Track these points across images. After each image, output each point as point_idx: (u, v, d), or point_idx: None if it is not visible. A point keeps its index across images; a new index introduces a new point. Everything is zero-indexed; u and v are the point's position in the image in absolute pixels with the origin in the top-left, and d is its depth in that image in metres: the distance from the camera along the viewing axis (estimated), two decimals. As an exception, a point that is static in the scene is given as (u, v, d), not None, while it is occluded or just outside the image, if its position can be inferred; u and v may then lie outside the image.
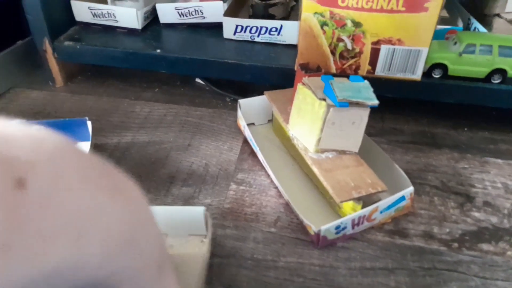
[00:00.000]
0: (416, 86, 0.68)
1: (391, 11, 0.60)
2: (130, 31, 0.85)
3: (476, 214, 0.57)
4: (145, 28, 0.86)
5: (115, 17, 0.84)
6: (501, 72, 0.66)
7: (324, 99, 0.52)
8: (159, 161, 0.65)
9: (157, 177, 0.62)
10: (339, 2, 0.61)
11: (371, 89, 0.53)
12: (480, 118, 0.76)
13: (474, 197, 0.60)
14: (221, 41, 0.82)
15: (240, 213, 0.56)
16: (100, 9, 0.84)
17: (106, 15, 0.85)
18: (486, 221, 0.56)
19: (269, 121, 0.73)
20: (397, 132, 0.73)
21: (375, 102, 0.51)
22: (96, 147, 0.68)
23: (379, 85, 0.69)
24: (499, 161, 0.66)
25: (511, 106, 0.69)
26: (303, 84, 0.55)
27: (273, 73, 0.75)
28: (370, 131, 0.71)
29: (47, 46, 0.80)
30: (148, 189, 0.60)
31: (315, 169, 0.54)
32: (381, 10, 0.60)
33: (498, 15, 0.74)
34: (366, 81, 0.54)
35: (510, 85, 0.67)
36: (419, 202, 0.59)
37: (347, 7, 0.61)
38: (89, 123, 0.61)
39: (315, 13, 0.63)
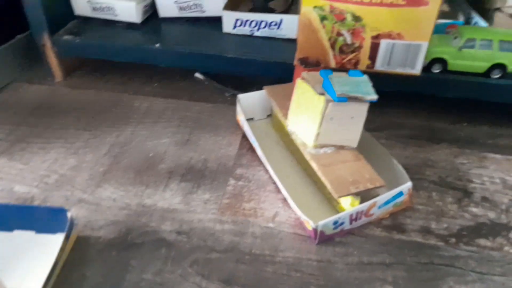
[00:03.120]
0: (415, 81, 0.68)
1: (391, 5, 0.60)
2: (130, 25, 0.84)
3: (474, 210, 0.57)
4: (144, 22, 0.86)
5: (114, 11, 0.84)
6: (501, 67, 0.66)
7: (323, 94, 0.52)
8: (158, 155, 0.65)
9: (155, 171, 0.62)
10: (339, -4, 0.60)
11: (370, 84, 0.52)
12: (480, 113, 0.76)
13: (472, 192, 0.60)
14: (220, 35, 0.82)
15: (238, 208, 0.56)
16: (99, 3, 0.84)
17: (106, 9, 0.84)
18: (483, 217, 0.56)
19: (268, 116, 0.73)
20: (396, 127, 0.73)
21: (374, 96, 0.51)
22: (96, 142, 0.68)
23: (379, 79, 0.68)
24: (498, 156, 0.66)
25: (510, 101, 0.69)
26: (302, 79, 0.55)
27: (272, 68, 0.75)
28: (369, 126, 0.70)
29: (46, 40, 0.79)
30: (147, 183, 0.60)
31: (314, 164, 0.54)
32: (381, 4, 0.60)
33: (498, 9, 0.73)
34: (365, 76, 0.53)
35: (509, 80, 0.67)
36: (417, 197, 0.59)
37: (347, 1, 0.61)
38: (69, 214, 0.49)
39: (315, 7, 0.62)
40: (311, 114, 0.54)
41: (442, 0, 0.59)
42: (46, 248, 0.48)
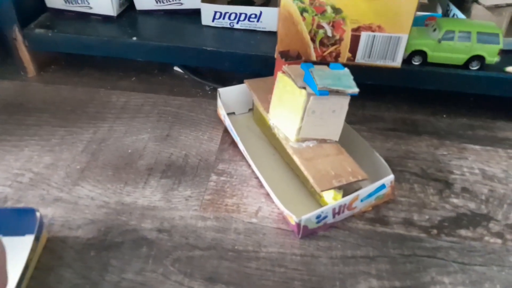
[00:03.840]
0: (396, 73, 0.68)
1: (371, -3, 0.59)
2: (105, 18, 0.82)
3: (455, 201, 0.57)
4: (120, 15, 0.83)
5: (88, 3, 0.81)
6: (479, 58, 0.67)
7: (304, 88, 0.51)
8: (136, 152, 0.64)
9: (135, 168, 0.61)
10: (319, -12, 0.60)
11: (351, 77, 0.52)
12: (459, 104, 0.77)
13: (453, 183, 0.60)
14: (199, 28, 0.80)
15: (220, 204, 0.55)
16: (72, -5, 0.81)
17: (79, 1, 0.81)
18: (464, 207, 0.56)
19: (250, 110, 0.72)
20: (377, 120, 0.73)
21: (355, 90, 0.51)
22: (72, 138, 0.66)
23: (360, 72, 0.68)
24: (477, 147, 0.67)
25: (489, 92, 0.69)
26: (283, 72, 0.55)
27: (253, 61, 0.74)
28: (350, 119, 0.70)
29: (17, 34, 0.76)
30: (126, 181, 0.58)
31: (296, 159, 0.54)
32: (361, -4, 0.59)
33: (476, 1, 0.74)
34: (346, 69, 0.53)
35: (487, 71, 0.67)
36: (400, 189, 0.59)
37: (327, -7, 0.60)
38: (38, 214, 0.48)
39: (295, -1, 0.61)
40: (293, 108, 0.54)
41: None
42: (15, 251, 0.46)
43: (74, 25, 0.79)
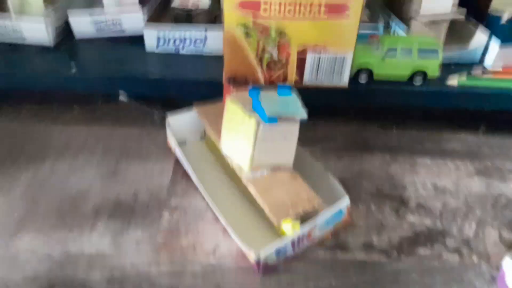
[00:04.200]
0: (344, 93, 0.69)
1: (314, 18, 0.59)
2: (42, 49, 0.77)
3: (411, 218, 0.58)
4: (58, 44, 0.79)
5: (21, 34, 0.77)
6: (422, 73, 0.68)
7: (253, 115, 0.49)
8: (81, 193, 0.59)
9: (80, 212, 0.56)
10: (261, 12, 0.59)
11: (299, 102, 0.51)
12: (407, 118, 0.78)
13: (408, 200, 0.61)
14: (143, 55, 0.78)
15: (175, 246, 0.52)
16: (3, 26, 0.75)
17: (11, 32, 0.76)
18: (420, 225, 0.57)
19: (202, 137, 0.70)
20: (329, 139, 0.72)
21: (304, 115, 0.50)
22: (8, 183, 0.60)
23: (308, 94, 0.68)
24: (427, 160, 0.68)
25: (433, 105, 0.71)
26: (231, 100, 0.53)
27: (200, 87, 0.72)
28: (303, 141, 0.69)
29: None
30: (71, 227, 0.54)
31: (252, 190, 0.52)
32: (304, 17, 0.59)
33: (413, 17, 0.76)
34: (293, 94, 0.52)
35: (430, 86, 0.69)
36: (357, 211, 0.58)
37: (269, 17, 0.59)
38: None
39: (238, 24, 0.60)
40: (244, 137, 0.52)
41: (363, 12, 0.60)
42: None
43: (7, 58, 0.74)
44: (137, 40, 0.78)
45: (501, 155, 0.70)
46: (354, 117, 0.78)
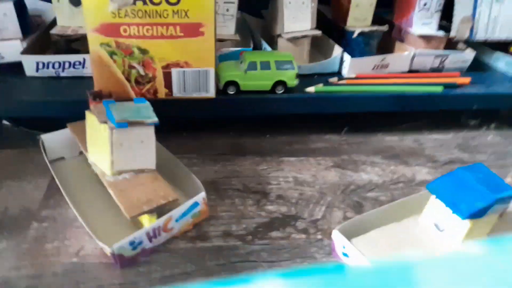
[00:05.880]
0: (213, 103, 0.75)
1: (172, 37, 0.66)
2: None
3: (270, 207, 0.64)
4: None
5: None
6: (282, 83, 0.77)
7: (106, 122, 0.54)
8: None
9: None
10: (122, 32, 0.64)
11: (151, 108, 0.57)
12: (280, 125, 0.87)
13: (269, 193, 0.67)
14: (23, 79, 0.80)
15: (39, 251, 0.54)
16: None
17: None
18: (277, 212, 0.63)
19: (81, 153, 0.72)
20: (209, 148, 0.78)
21: (155, 120, 0.55)
22: None
23: (179, 106, 0.74)
24: (292, 159, 0.76)
25: (293, 111, 0.80)
26: (89, 111, 0.57)
27: (79, 106, 0.74)
28: (183, 149, 0.75)
29: None
30: None
31: (111, 191, 0.56)
32: (162, 36, 0.65)
33: (280, 35, 0.86)
34: (147, 102, 0.58)
35: (291, 93, 0.78)
36: (222, 205, 0.64)
37: (130, 36, 0.65)
38: None
39: (101, 44, 0.65)
40: (102, 143, 0.56)
41: (215, 31, 0.67)
42: None
43: None
44: (18, 66, 0.80)
45: (357, 150, 0.80)
46: (232, 126, 0.85)
